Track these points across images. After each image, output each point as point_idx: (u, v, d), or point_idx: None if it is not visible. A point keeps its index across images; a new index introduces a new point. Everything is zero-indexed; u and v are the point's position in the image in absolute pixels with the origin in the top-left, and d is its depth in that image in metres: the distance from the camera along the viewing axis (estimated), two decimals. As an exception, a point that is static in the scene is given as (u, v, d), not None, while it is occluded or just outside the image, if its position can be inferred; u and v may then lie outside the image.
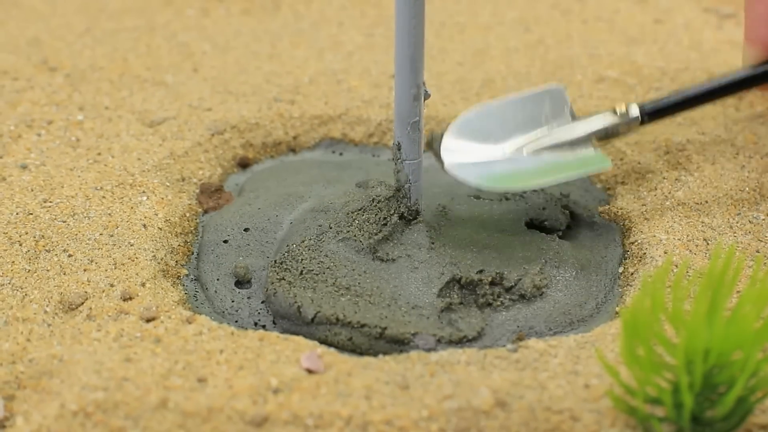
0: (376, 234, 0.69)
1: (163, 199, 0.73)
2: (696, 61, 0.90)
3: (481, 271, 0.67)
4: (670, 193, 0.73)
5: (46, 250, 0.67)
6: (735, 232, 0.69)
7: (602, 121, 0.70)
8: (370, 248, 0.68)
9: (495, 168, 0.68)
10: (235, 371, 0.58)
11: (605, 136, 0.70)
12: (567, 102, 0.70)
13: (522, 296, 0.66)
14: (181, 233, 0.71)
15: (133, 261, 0.66)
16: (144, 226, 0.70)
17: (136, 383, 0.57)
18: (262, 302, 0.67)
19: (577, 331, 0.64)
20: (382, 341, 0.63)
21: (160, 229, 0.70)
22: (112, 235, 0.68)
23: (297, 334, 0.63)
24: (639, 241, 0.69)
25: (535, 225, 0.72)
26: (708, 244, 0.68)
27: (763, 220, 0.70)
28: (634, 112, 0.70)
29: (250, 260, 0.70)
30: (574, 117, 0.70)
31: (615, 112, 0.70)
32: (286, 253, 0.68)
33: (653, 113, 0.70)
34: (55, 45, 0.94)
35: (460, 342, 0.63)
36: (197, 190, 0.76)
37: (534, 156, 0.69)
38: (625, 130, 0.70)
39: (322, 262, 0.68)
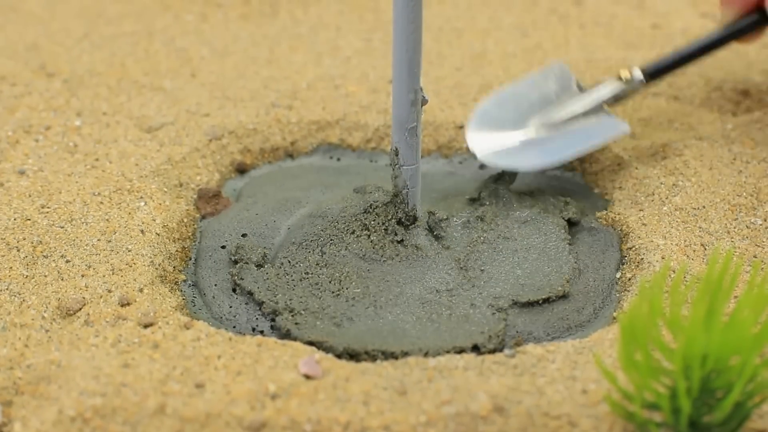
0: (373, 239, 0.69)
1: (160, 204, 0.73)
2: (693, 65, 0.90)
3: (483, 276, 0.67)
4: (667, 198, 0.73)
5: (44, 256, 0.67)
6: (732, 237, 0.69)
7: (611, 88, 0.76)
8: (368, 254, 0.69)
9: (525, 150, 0.74)
10: (233, 377, 0.58)
11: (614, 100, 0.76)
12: (571, 76, 0.77)
13: (529, 302, 0.66)
14: (178, 239, 0.71)
15: (131, 266, 0.66)
16: (142, 231, 0.70)
17: (134, 389, 0.57)
18: (260, 308, 0.66)
19: (574, 337, 0.64)
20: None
21: (158, 234, 0.70)
22: (110, 241, 0.69)
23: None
24: (636, 247, 0.69)
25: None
26: (705, 249, 0.68)
27: (761, 224, 0.70)
28: (638, 75, 0.76)
29: (248, 265, 0.70)
30: (581, 89, 0.76)
31: (620, 78, 0.76)
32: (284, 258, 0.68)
33: (654, 73, 0.77)
34: (54, 50, 0.94)
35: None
36: (195, 196, 0.76)
37: (555, 131, 0.74)
38: (632, 92, 0.77)
39: (321, 266, 0.68)
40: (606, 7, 1.05)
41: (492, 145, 0.74)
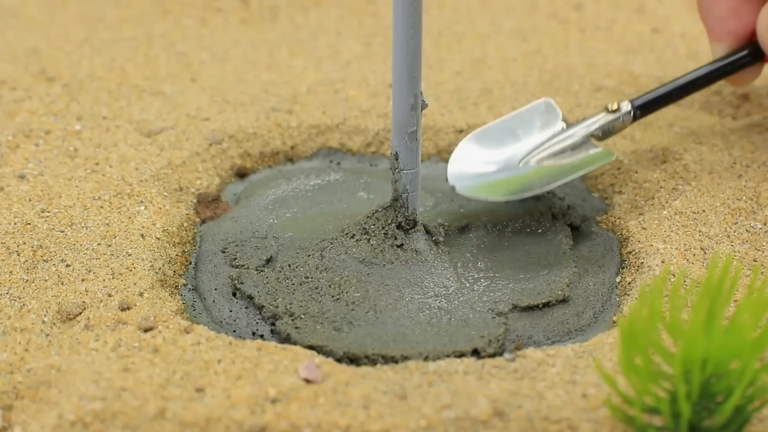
0: (373, 244, 0.69)
1: (161, 208, 0.73)
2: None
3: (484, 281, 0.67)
4: (667, 202, 0.73)
5: (44, 260, 0.67)
6: (732, 241, 0.69)
7: (597, 120, 0.74)
8: (367, 258, 0.69)
9: (502, 177, 0.72)
10: (233, 381, 0.58)
11: (602, 135, 0.74)
12: (557, 111, 0.74)
13: (530, 306, 0.66)
14: (178, 243, 0.71)
15: (131, 271, 0.66)
16: (142, 235, 0.70)
17: (134, 393, 0.57)
18: (260, 313, 0.66)
19: (575, 341, 0.64)
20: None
21: (158, 238, 0.70)
22: (110, 245, 0.69)
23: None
24: (636, 251, 0.69)
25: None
26: (705, 253, 0.68)
27: (761, 228, 0.70)
28: (626, 107, 0.74)
29: (248, 270, 0.70)
30: (568, 123, 0.74)
31: (607, 110, 0.74)
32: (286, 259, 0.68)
33: (644, 107, 0.75)
34: (54, 55, 0.94)
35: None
36: (195, 200, 0.76)
37: (538, 165, 0.72)
38: (620, 126, 0.74)
39: (321, 270, 0.68)
40: (606, 12, 1.05)
41: (471, 177, 0.71)
